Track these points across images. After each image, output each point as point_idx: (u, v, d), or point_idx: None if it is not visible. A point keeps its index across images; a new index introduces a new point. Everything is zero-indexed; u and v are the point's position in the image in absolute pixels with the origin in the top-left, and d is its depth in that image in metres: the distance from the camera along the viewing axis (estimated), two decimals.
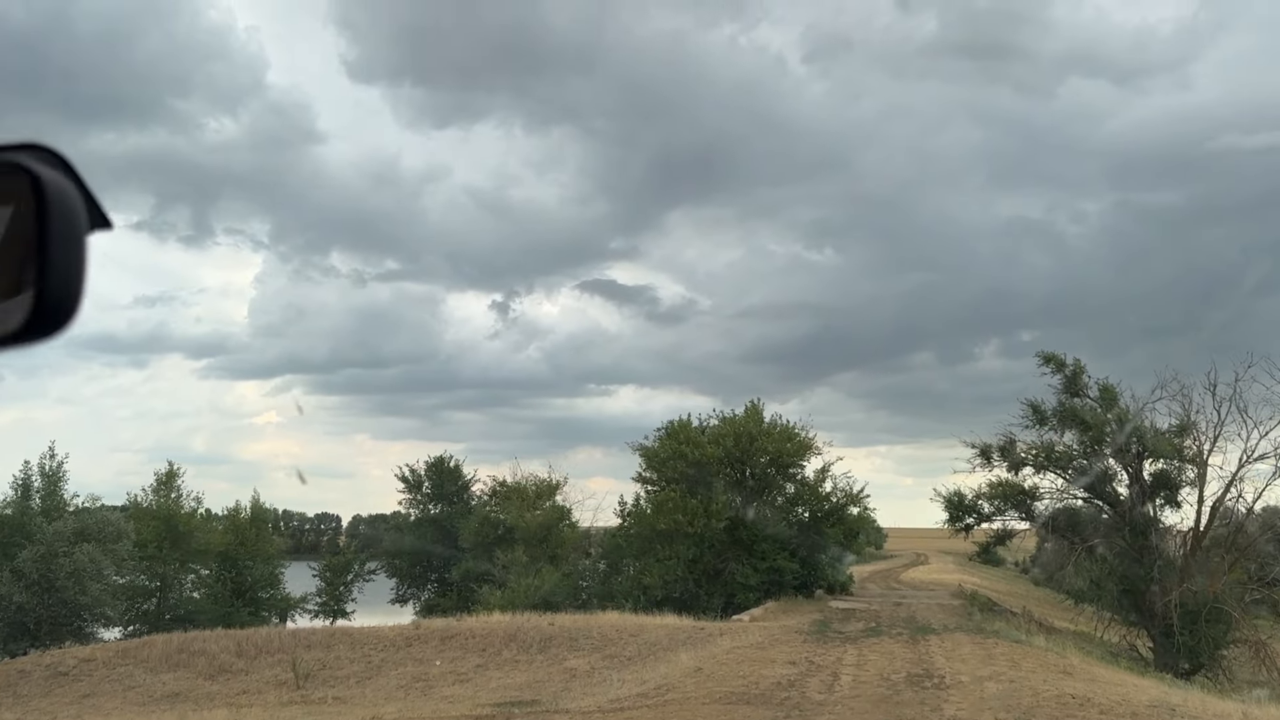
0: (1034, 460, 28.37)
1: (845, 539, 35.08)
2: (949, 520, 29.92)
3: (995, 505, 29.54)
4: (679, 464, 30.87)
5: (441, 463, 38.88)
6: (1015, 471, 29.36)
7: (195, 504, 45.65)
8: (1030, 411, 29.45)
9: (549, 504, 34.99)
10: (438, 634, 24.31)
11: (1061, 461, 28.63)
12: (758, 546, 31.44)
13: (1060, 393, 29.58)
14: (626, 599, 30.94)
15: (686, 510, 30.23)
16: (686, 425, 32.25)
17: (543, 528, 32.36)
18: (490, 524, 33.53)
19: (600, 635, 22.93)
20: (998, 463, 29.68)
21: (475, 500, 36.44)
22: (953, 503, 29.66)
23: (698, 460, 30.72)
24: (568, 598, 32.01)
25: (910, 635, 22.49)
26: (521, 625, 24.20)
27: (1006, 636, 22.19)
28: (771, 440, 31.70)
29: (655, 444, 32.16)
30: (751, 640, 20.42)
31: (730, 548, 31.90)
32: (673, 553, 30.93)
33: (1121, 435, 26.30)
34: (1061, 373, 29.48)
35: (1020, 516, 29.53)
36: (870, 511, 33.88)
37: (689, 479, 31.51)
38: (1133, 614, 28.80)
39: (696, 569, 31.12)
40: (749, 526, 31.71)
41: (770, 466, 32.43)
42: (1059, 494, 28.84)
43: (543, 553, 31.89)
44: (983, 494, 29.68)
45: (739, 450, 31.88)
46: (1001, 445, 29.60)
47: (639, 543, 32.50)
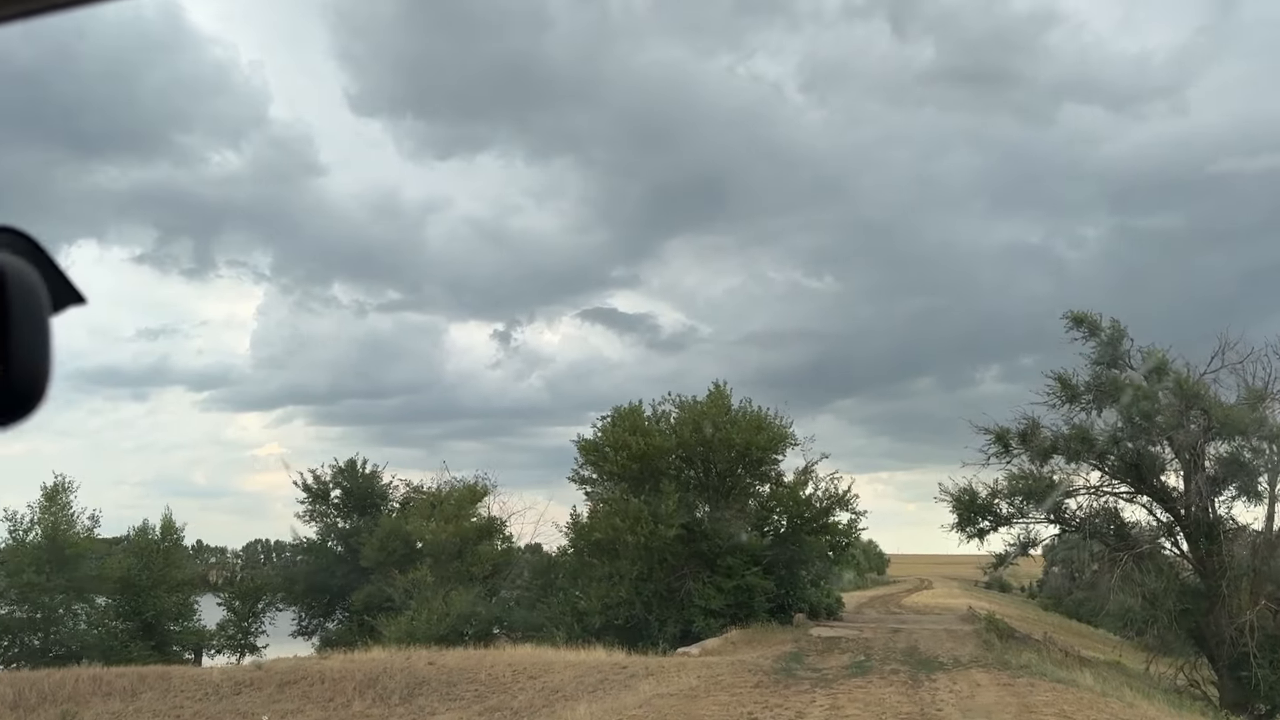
0: (1065, 446, 22.38)
1: (832, 551, 29.01)
2: (958, 524, 23.87)
3: (1016, 504, 23.53)
4: (621, 458, 24.88)
5: (353, 467, 32.92)
6: (1041, 462, 23.37)
7: (90, 523, 39.59)
8: (1058, 386, 23.51)
9: (476, 516, 28.99)
10: (278, 678, 18.25)
11: (1100, 448, 22.63)
12: (722, 561, 25.37)
13: (1095, 363, 23.67)
14: (558, 628, 24.87)
15: (629, 515, 24.20)
16: (635, 411, 26.27)
17: (456, 543, 26.38)
18: (396, 539, 27.60)
19: (489, 679, 16.85)
20: (1018, 451, 23.70)
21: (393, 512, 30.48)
22: (962, 502, 23.63)
23: (644, 453, 24.72)
24: (484, 628, 25.92)
25: (910, 673, 16.44)
26: (391, 667, 18.13)
27: (1041, 673, 16.12)
28: (738, 430, 25.70)
29: (596, 434, 26.18)
30: (683, 685, 14.36)
31: (688, 562, 25.82)
32: (614, 569, 24.87)
33: (1177, 404, 20.37)
34: (1096, 337, 23.57)
35: (1047, 518, 23.47)
36: (862, 516, 27.92)
37: (634, 477, 25.49)
38: (1191, 641, 22.71)
39: (645, 590, 25.04)
40: (710, 536, 25.66)
41: (738, 463, 26.42)
42: (1097, 489, 22.83)
43: (455, 573, 25.89)
44: (1000, 490, 23.66)
45: (699, 442, 25.89)
46: (1023, 430, 23.62)
47: (574, 559, 26.45)
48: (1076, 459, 22.88)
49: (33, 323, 1.00)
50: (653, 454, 24.89)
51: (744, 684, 14.20)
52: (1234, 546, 21.39)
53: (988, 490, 23.66)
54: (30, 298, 1.00)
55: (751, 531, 26.05)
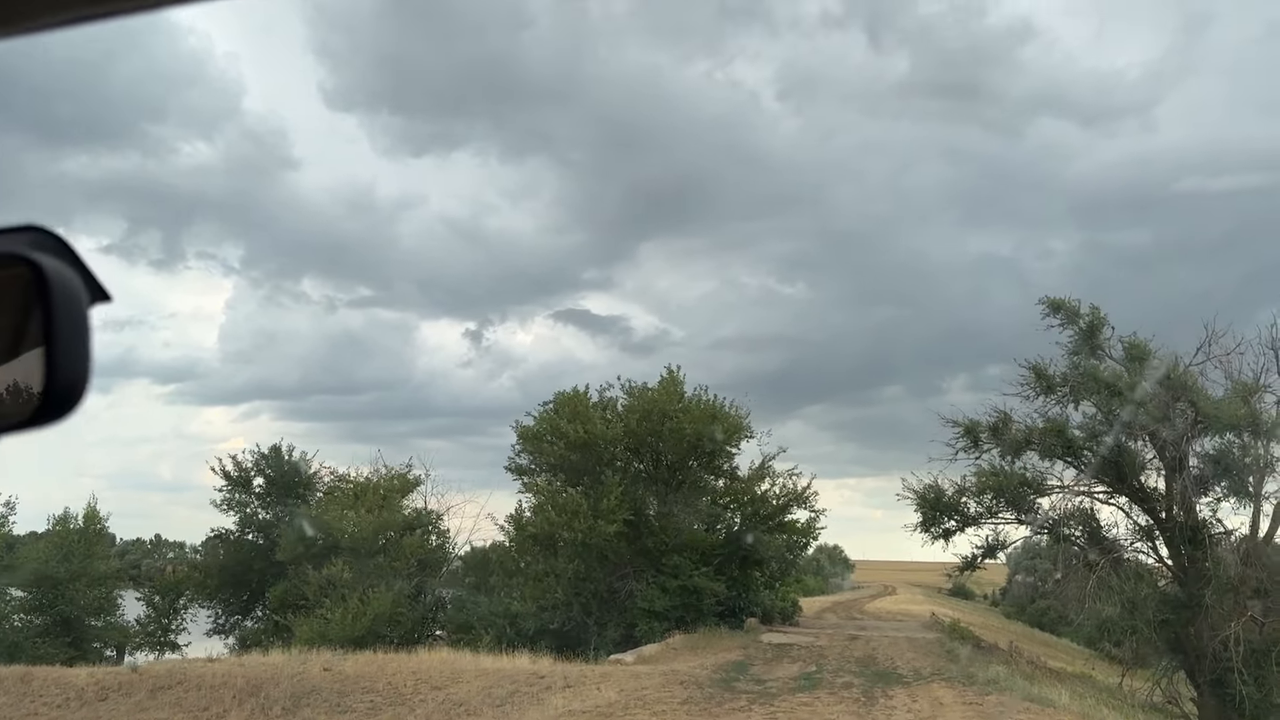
0: (1040, 442, 20.61)
1: (789, 551, 27.15)
2: (922, 525, 22.04)
3: (985, 503, 21.74)
4: (559, 446, 22.85)
5: (278, 454, 30.57)
6: (1013, 458, 21.61)
7: (4, 510, 37.04)
8: (1032, 377, 21.76)
9: (408, 508, 26.81)
10: (153, 682, 16.06)
11: (1076, 444, 20.90)
12: (668, 560, 23.41)
13: (1072, 352, 21.96)
14: (488, 631, 22.80)
15: (566, 508, 22.17)
16: (579, 397, 24.21)
17: (378, 535, 24.21)
18: (315, 531, 25.37)
19: (388, 689, 14.76)
20: (988, 445, 21.93)
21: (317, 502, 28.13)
22: (927, 500, 21.80)
23: (584, 441, 22.70)
24: (409, 630, 23.78)
25: (864, 687, 14.58)
26: (282, 672, 15.99)
27: (1011, 689, 14.31)
28: (690, 419, 23.75)
29: (535, 420, 24.09)
30: (600, 701, 12.37)
31: (632, 561, 23.85)
32: (550, 568, 22.84)
33: (1163, 396, 18.67)
34: (1074, 325, 21.85)
35: (1018, 519, 21.71)
36: (821, 514, 26.06)
37: (574, 468, 23.48)
38: (1170, 654, 21.05)
39: (585, 590, 23.02)
40: (657, 533, 23.70)
41: (690, 455, 24.47)
42: (1071, 488, 21.08)
43: (376, 569, 23.74)
44: (968, 488, 21.87)
45: (647, 430, 23.91)
46: (994, 423, 21.85)
47: (510, 556, 24.40)
48: (1051, 455, 21.15)
49: (75, 323, 0.99)
50: (594, 443, 22.89)
51: (670, 700, 12.25)
52: (1218, 552, 19.72)
53: (954, 488, 21.88)
54: (72, 299, 0.99)
55: (701, 528, 24.12)
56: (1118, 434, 19.84)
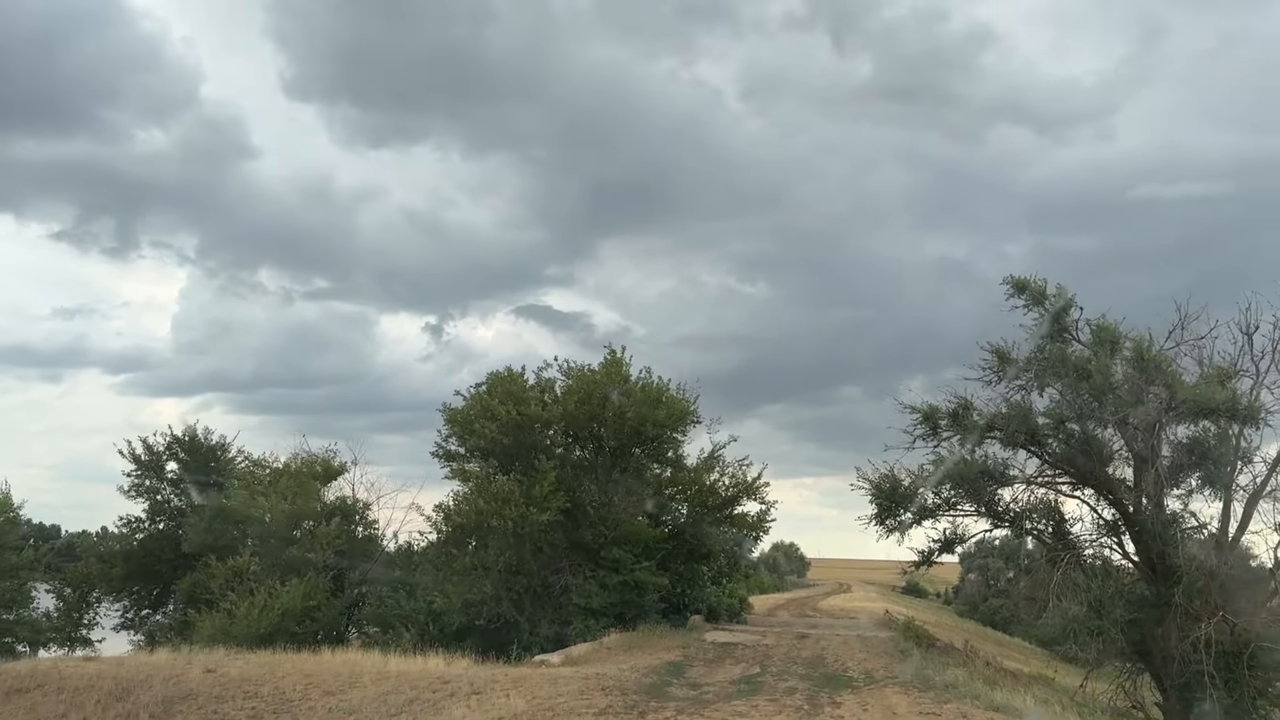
0: (1004, 428, 19.27)
1: (739, 545, 25.66)
2: (877, 517, 20.60)
3: (944, 494, 20.37)
4: (490, 429, 21.14)
5: (193, 437, 28.42)
6: (974, 447, 20.26)
7: None
8: (995, 360, 20.43)
9: (329, 497, 24.90)
10: (9, 684, 14.17)
11: (1041, 432, 19.60)
12: (608, 553, 21.80)
13: (1038, 335, 20.68)
14: (408, 628, 21.04)
15: (495, 496, 20.48)
16: (514, 377, 22.48)
17: (292, 524, 22.31)
18: (224, 520, 23.42)
19: (274, 694, 13.02)
20: (948, 433, 20.57)
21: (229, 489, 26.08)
22: (883, 490, 20.36)
23: (516, 423, 21.01)
24: (327, 628, 21.95)
25: (810, 692, 13.10)
26: (158, 674, 14.17)
27: (970, 695, 12.89)
28: (633, 402, 22.16)
29: (465, 402, 22.31)
30: (505, 711, 10.75)
31: (569, 554, 22.21)
32: (478, 561, 21.13)
33: (1135, 378, 17.39)
34: (1040, 307, 20.57)
35: (977, 510, 20.36)
36: (772, 506, 24.60)
37: (505, 453, 21.78)
38: (1136, 655, 19.83)
39: (516, 585, 21.33)
40: (596, 524, 22.08)
41: (633, 441, 22.87)
42: (1035, 479, 19.77)
43: (290, 561, 21.87)
44: (925, 478, 20.48)
45: (587, 414, 22.27)
46: (954, 409, 20.49)
47: (436, 548, 22.65)
48: (1013, 443, 19.82)
49: None
50: (528, 425, 21.20)
51: (586, 710, 10.65)
52: (1189, 548, 18.50)
53: (911, 478, 20.48)
54: None
55: (645, 519, 22.53)
56: (1085, 421, 18.57)
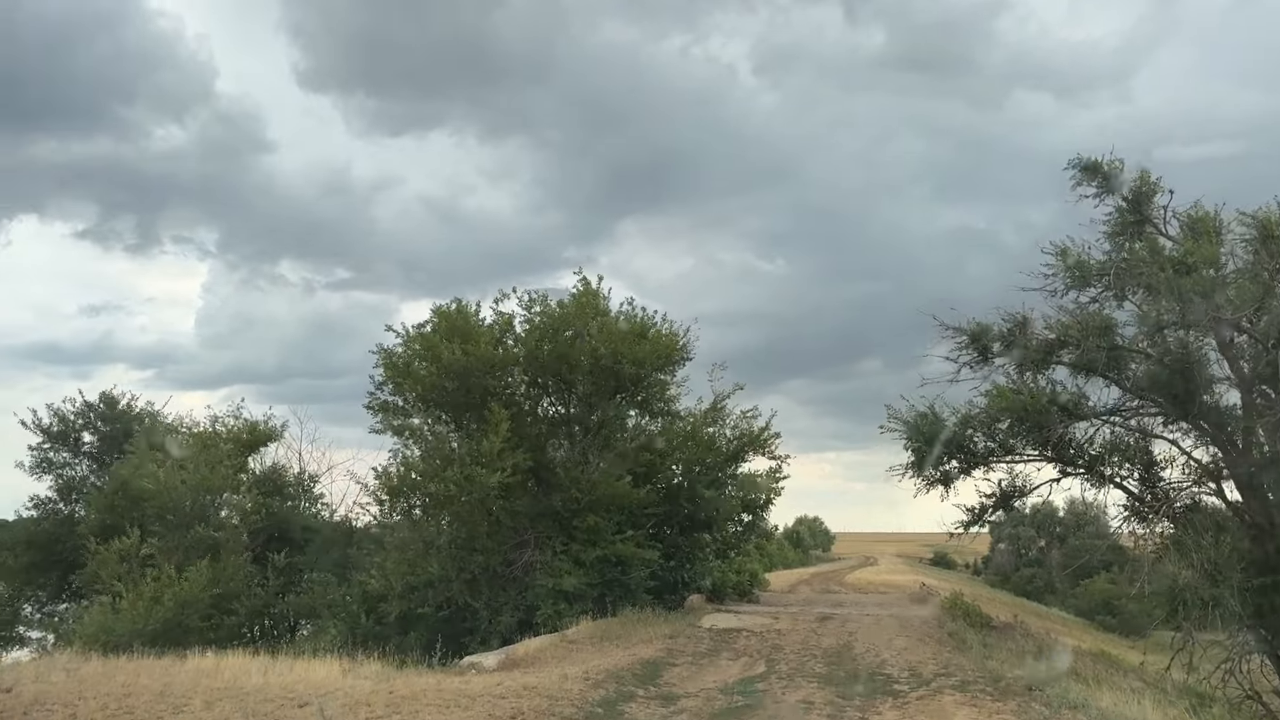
0: (1077, 350, 14.95)
1: (746, 510, 21.53)
2: (914, 465, 16.34)
3: (1000, 434, 16.13)
4: (431, 372, 17.06)
5: (111, 403, 24.51)
6: (1034, 374, 15.99)
7: None
8: (1060, 264, 16.12)
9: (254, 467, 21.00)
10: None
11: (1124, 352, 15.28)
12: (582, 522, 17.73)
13: (1114, 233, 16.39)
14: (338, 621, 17.09)
15: (438, 454, 16.42)
16: (461, 311, 18.29)
17: (198, 498, 18.34)
18: (127, 497, 19.55)
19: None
20: (1001, 357, 16.30)
21: None
22: (921, 432, 16.09)
23: (462, 365, 16.90)
24: (246, 621, 18.03)
25: (833, 702, 8.97)
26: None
27: (1066, 702, 8.74)
28: (608, 338, 17.99)
29: (404, 342, 18.17)
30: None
31: (535, 525, 18.15)
32: (418, 535, 17.11)
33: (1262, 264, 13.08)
34: (1114, 194, 16.25)
35: (1042, 454, 16.07)
36: (784, 462, 20.49)
37: (453, 402, 17.69)
38: (1250, 630, 15.56)
39: (472, 563, 17.29)
40: (567, 487, 17.98)
41: (610, 386, 18.74)
42: (1116, 414, 15.48)
43: (197, 541, 17.96)
44: (974, 417, 16.22)
45: (553, 355, 18.15)
46: (1008, 329, 16.21)
47: (379, 523, 18.63)
48: (1089, 368, 15.52)
49: None
50: (478, 369, 17.07)
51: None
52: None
53: (957, 416, 16.20)
54: None
55: (629, 481, 18.38)
56: (1186, 330, 14.27)
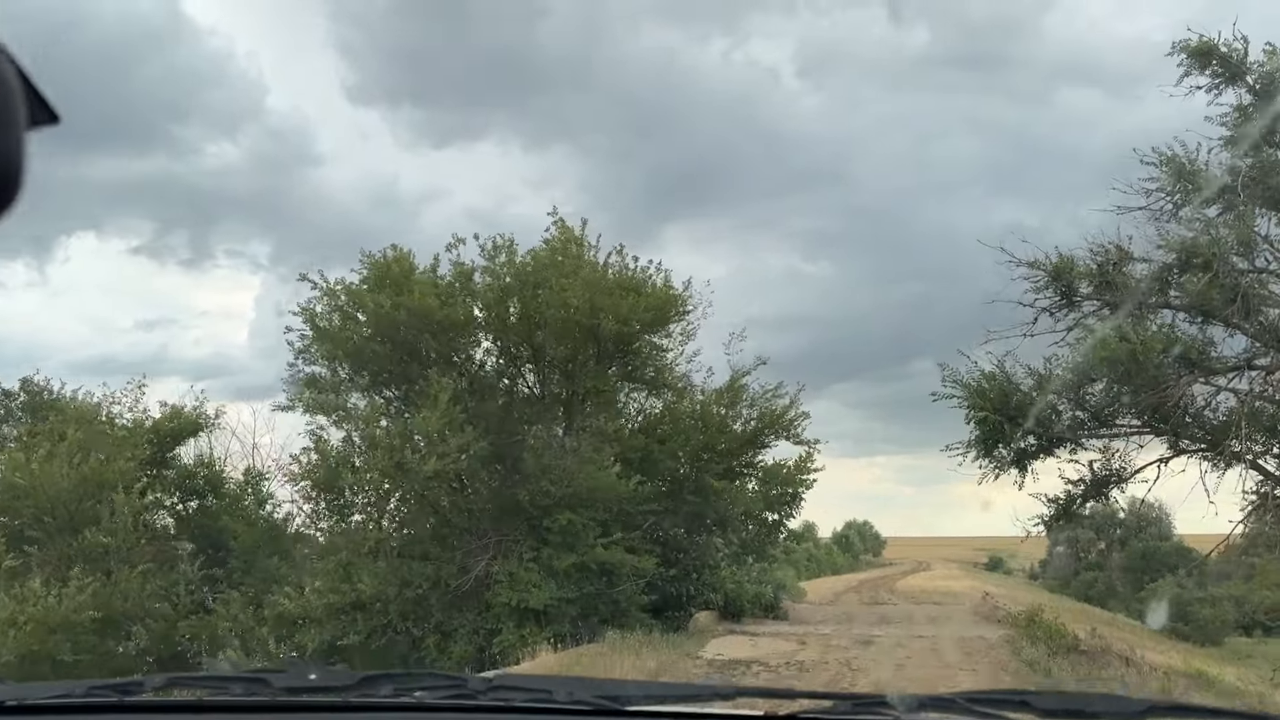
0: (1204, 276, 11.06)
1: (771, 507, 17.77)
2: (980, 441, 12.46)
3: (1089, 401, 12.24)
4: (359, 332, 13.61)
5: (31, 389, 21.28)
6: (1138, 320, 12.07)
7: None
8: (1168, 180, 12.25)
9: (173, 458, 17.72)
10: None
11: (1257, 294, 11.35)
12: (555, 522, 14.11)
13: (1234, 139, 12.44)
14: (239, 653, 13.65)
15: (367, 436, 12.94)
16: (401, 259, 14.75)
17: (83, 497, 15.01)
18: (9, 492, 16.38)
19: None
20: (1090, 305, 12.44)
21: None
22: (987, 397, 12.23)
23: (394, 324, 13.40)
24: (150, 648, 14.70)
25: None
26: None
27: None
28: (582, 289, 14.37)
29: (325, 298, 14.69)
30: None
31: (499, 525, 14.58)
32: (344, 540, 13.63)
33: None
34: (1237, 83, 12.32)
35: (1152, 424, 12.13)
36: (814, 448, 16.83)
37: (382, 370, 14.20)
38: None
39: (417, 575, 13.76)
40: (536, 478, 14.37)
41: (589, 350, 15.13)
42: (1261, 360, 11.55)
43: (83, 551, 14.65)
44: (1057, 378, 12.34)
45: (519, 314, 14.61)
46: (1099, 265, 12.34)
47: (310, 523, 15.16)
48: (1209, 310, 11.58)
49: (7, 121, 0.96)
50: (414, 325, 13.55)
51: None
52: None
53: (1036, 378, 12.32)
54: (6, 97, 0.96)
55: (615, 470, 14.72)
56: None
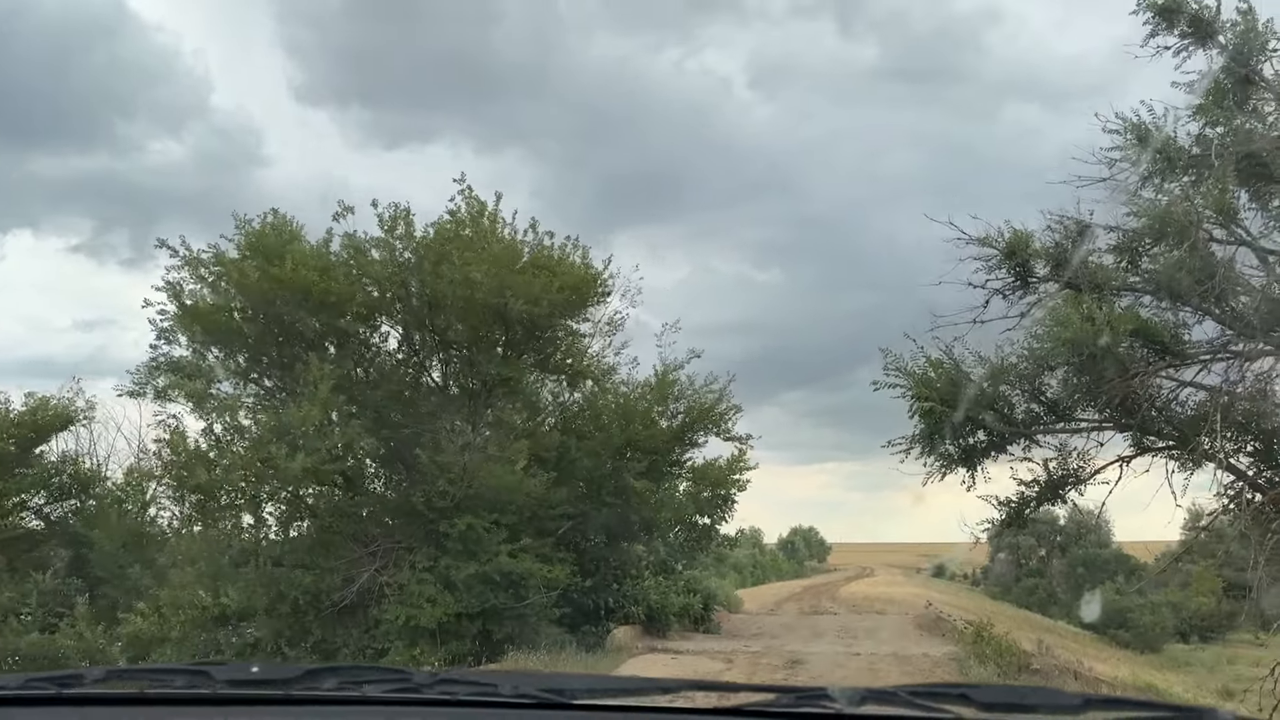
0: (1177, 245, 9.83)
1: (701, 511, 16.33)
2: (923, 437, 11.08)
3: (1046, 392, 10.96)
4: (222, 308, 11.92)
5: None
6: (1103, 300, 10.81)
7: None
8: (1132, 150, 11.05)
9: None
10: None
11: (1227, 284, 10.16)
12: (455, 528, 12.50)
13: (1206, 106, 11.27)
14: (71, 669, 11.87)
15: (233, 429, 11.24)
16: (279, 226, 13.02)
17: None
18: None
19: None
20: (1050, 287, 11.18)
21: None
22: (933, 388, 10.87)
23: (266, 298, 11.72)
24: None
25: None
26: None
27: None
28: (487, 264, 12.78)
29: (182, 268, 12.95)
30: None
31: (392, 532, 12.95)
32: (206, 549, 11.90)
33: None
34: (1207, 45, 11.15)
35: (1114, 419, 10.88)
36: (747, 444, 15.49)
37: (263, 356, 12.52)
38: None
39: (293, 588, 12.08)
40: (432, 478, 12.75)
41: (499, 333, 13.58)
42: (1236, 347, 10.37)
43: None
44: (1010, 367, 11.05)
45: (417, 294, 13.00)
46: (1057, 243, 11.10)
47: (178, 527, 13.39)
48: (1177, 291, 10.37)
49: None
50: (291, 300, 11.88)
51: None
52: None
53: (989, 367, 11.02)
54: None
55: (521, 469, 13.16)
56: None
